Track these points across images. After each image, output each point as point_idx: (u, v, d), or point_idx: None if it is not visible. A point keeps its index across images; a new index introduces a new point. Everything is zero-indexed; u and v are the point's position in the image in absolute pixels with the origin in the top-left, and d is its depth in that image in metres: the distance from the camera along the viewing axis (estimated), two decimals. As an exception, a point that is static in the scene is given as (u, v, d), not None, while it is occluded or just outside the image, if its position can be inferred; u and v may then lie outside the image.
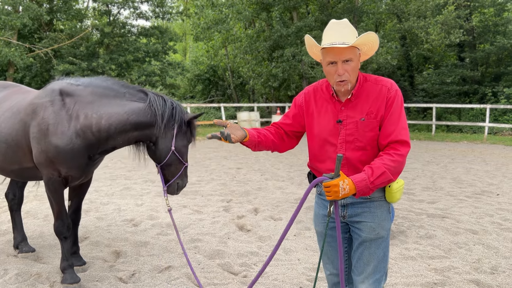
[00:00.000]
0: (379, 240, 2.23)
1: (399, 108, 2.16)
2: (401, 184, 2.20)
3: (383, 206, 2.24)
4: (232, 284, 3.60)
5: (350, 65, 2.13)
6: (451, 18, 19.98)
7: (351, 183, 2.01)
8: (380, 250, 2.24)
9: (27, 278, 3.66)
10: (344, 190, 2.00)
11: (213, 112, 24.28)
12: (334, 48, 2.11)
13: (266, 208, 6.07)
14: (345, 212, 2.28)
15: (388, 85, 2.19)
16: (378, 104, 2.16)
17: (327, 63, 2.16)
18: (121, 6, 26.10)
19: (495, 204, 6.44)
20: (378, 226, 2.22)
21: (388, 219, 2.26)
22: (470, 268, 3.97)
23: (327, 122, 2.26)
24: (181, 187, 3.58)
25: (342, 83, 2.14)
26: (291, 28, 21.42)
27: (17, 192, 4.45)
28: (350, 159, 2.20)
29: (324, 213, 2.35)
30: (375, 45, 2.23)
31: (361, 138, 2.17)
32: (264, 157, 11.59)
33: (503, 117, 19.57)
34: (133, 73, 25.79)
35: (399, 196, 2.20)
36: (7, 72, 22.06)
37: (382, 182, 2.05)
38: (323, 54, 2.19)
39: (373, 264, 2.24)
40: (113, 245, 4.53)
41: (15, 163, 3.61)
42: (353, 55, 2.13)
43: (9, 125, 3.55)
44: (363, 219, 2.24)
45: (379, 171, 2.03)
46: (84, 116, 3.37)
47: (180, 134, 3.50)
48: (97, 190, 7.12)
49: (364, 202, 2.23)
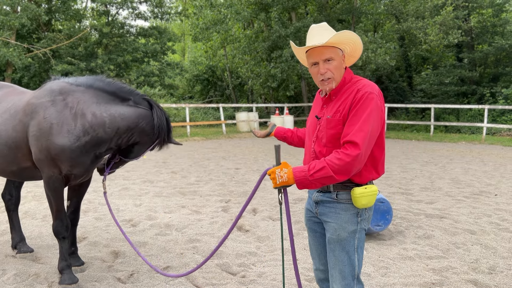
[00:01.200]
0: (342, 243, 2.22)
1: (363, 110, 2.10)
2: (369, 190, 2.17)
3: (349, 209, 2.22)
4: (230, 284, 3.60)
5: (332, 64, 2.19)
6: (450, 19, 20.03)
7: (290, 173, 2.10)
8: (343, 254, 2.22)
9: (25, 279, 3.65)
10: (282, 178, 2.12)
11: (212, 112, 24.27)
12: (315, 49, 2.20)
13: (265, 209, 6.08)
14: (317, 210, 2.34)
15: (359, 87, 2.17)
16: (346, 104, 2.17)
17: (311, 65, 2.26)
18: (119, 6, 26.07)
19: (493, 204, 6.45)
20: (340, 228, 2.22)
21: (352, 223, 2.22)
22: (468, 268, 3.98)
23: (312, 118, 2.39)
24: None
25: (325, 81, 2.21)
26: (290, 29, 21.45)
27: (14, 192, 4.43)
28: (317, 153, 2.27)
29: (308, 207, 2.45)
30: (358, 45, 2.27)
31: (325, 135, 2.23)
32: (263, 158, 11.60)
33: (501, 118, 19.61)
34: (132, 74, 25.77)
35: (364, 202, 2.16)
36: (6, 72, 22.02)
37: (322, 177, 2.06)
38: (307, 58, 2.28)
39: (338, 267, 2.23)
40: (112, 245, 4.53)
41: (14, 164, 3.60)
42: (334, 54, 2.19)
43: (8, 127, 3.54)
44: (328, 219, 2.27)
45: (320, 165, 2.07)
46: (91, 114, 3.41)
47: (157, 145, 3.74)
48: (95, 191, 7.11)
49: (331, 202, 2.26)
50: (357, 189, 2.16)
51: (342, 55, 2.24)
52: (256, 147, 14.16)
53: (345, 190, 2.23)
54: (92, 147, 3.44)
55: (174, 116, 21.75)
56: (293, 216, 5.69)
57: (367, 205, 2.19)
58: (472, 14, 23.59)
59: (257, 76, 23.20)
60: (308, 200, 2.47)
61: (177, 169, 9.44)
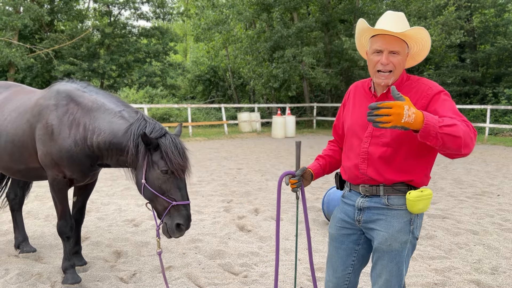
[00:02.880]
0: (393, 253, 2.04)
1: (447, 101, 1.92)
2: (426, 194, 1.98)
3: (402, 216, 2.03)
4: (232, 284, 3.60)
5: (396, 58, 1.99)
6: (452, 19, 19.99)
7: (420, 115, 1.70)
8: (393, 264, 2.05)
9: (28, 278, 3.66)
10: (409, 118, 1.68)
11: (214, 112, 24.29)
12: (385, 37, 1.99)
13: (267, 209, 6.08)
14: (360, 217, 2.13)
15: (430, 85, 2.00)
16: (415, 101, 1.97)
17: (373, 51, 2.03)
18: (122, 6, 26.13)
19: (495, 204, 6.44)
20: (391, 238, 2.03)
21: (405, 232, 2.03)
22: (471, 268, 3.97)
23: (359, 116, 2.14)
24: (172, 229, 2.93)
25: (383, 74, 2.00)
26: (292, 29, 21.44)
27: (18, 192, 4.45)
28: (371, 154, 2.05)
29: (341, 217, 2.23)
30: (426, 48, 2.09)
31: (388, 133, 2.00)
32: (265, 158, 11.60)
33: (503, 118, 19.56)
34: (134, 74, 25.85)
35: (421, 206, 1.98)
36: (8, 72, 22.08)
37: (449, 135, 1.71)
38: (371, 43, 2.05)
39: (385, 277, 2.06)
40: (114, 245, 4.54)
41: (21, 163, 3.61)
42: (401, 49, 2.00)
43: (16, 125, 3.56)
44: (376, 226, 2.08)
45: (450, 121, 1.75)
46: (83, 126, 3.30)
47: (152, 161, 2.97)
48: (98, 191, 7.12)
49: (381, 209, 2.07)
50: (413, 192, 1.98)
51: (407, 52, 2.05)
52: (258, 148, 14.17)
53: (397, 195, 2.04)
54: (85, 157, 3.33)
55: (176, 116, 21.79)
56: (294, 215, 5.69)
57: (423, 210, 2.01)
58: (475, 14, 23.54)
59: (259, 76, 23.19)
60: (343, 208, 2.25)
61: (179, 169, 9.44)
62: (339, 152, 2.40)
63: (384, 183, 2.05)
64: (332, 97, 24.69)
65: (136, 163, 3.06)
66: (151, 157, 2.97)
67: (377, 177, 2.05)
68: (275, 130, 17.99)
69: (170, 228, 2.93)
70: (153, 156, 2.96)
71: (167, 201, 2.93)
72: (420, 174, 2.04)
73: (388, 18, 2.02)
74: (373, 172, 2.06)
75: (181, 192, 2.95)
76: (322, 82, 21.66)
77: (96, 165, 3.46)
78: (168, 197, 2.93)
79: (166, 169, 2.91)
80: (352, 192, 2.19)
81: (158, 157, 2.94)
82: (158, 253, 2.99)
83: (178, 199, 2.92)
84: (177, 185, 2.94)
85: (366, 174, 2.08)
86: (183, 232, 2.95)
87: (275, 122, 17.98)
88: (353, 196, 2.17)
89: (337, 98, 24.63)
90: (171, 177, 2.93)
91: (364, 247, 2.22)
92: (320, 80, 21.50)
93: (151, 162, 2.97)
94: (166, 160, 2.91)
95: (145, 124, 3.09)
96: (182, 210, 2.92)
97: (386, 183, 2.04)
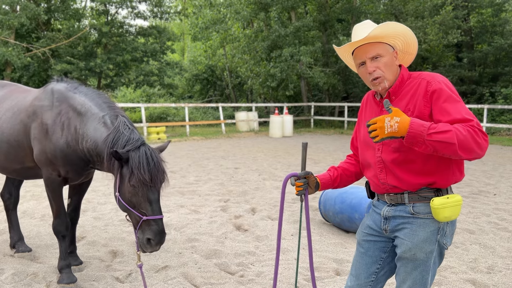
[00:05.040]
0: (417, 262, 1.97)
1: (450, 98, 1.87)
2: (452, 200, 1.89)
3: (428, 225, 1.95)
4: (229, 283, 3.60)
5: (381, 61, 1.98)
6: (449, 19, 20.04)
7: (404, 123, 1.75)
8: (417, 272, 1.99)
9: (23, 278, 3.65)
10: (391, 128, 1.76)
11: (211, 112, 24.27)
12: (359, 49, 2.02)
13: (264, 208, 6.07)
14: (387, 226, 2.07)
15: (428, 78, 1.95)
16: (415, 100, 1.94)
17: (358, 65, 2.06)
18: (119, 5, 26.05)
19: (492, 204, 6.46)
20: (415, 247, 1.96)
21: (431, 242, 1.95)
22: (467, 267, 3.98)
23: None
24: (144, 244, 2.87)
25: (376, 81, 2.00)
26: (289, 28, 21.44)
27: (13, 192, 4.44)
28: (385, 161, 2.02)
29: (369, 224, 2.18)
30: (410, 40, 2.06)
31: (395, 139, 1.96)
32: (262, 157, 11.59)
33: (500, 117, 19.62)
34: (131, 73, 25.78)
35: (447, 214, 1.88)
36: (5, 71, 22.01)
37: (442, 142, 1.72)
38: (354, 59, 2.10)
39: (408, 284, 2.01)
40: (110, 245, 4.53)
41: (17, 162, 3.63)
42: (382, 51, 1.99)
43: (11, 125, 3.57)
44: (401, 235, 2.02)
45: (444, 127, 1.73)
46: (74, 128, 3.32)
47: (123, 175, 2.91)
48: (94, 190, 7.10)
49: (406, 218, 2.00)
50: (437, 200, 1.89)
51: (393, 51, 2.02)
52: (255, 147, 14.16)
53: (423, 202, 1.96)
54: (77, 159, 3.36)
55: (174, 115, 21.76)
56: (293, 215, 5.69)
57: (451, 217, 1.90)
58: (472, 13, 23.60)
59: (256, 75, 23.18)
60: (371, 215, 2.21)
61: (176, 169, 9.43)
62: (355, 165, 2.36)
63: (408, 190, 2.00)
64: (330, 96, 24.69)
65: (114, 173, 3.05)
66: (122, 170, 2.94)
67: (399, 184, 2.00)
68: (272, 130, 17.99)
69: (141, 243, 2.89)
70: (123, 169, 2.92)
71: (138, 215, 2.88)
72: (445, 173, 1.97)
73: (356, 30, 2.07)
74: (393, 179, 2.02)
75: (152, 206, 2.88)
76: (319, 82, 21.67)
77: (89, 167, 3.48)
78: (139, 211, 2.89)
79: (134, 183, 2.86)
80: (380, 202, 2.16)
81: (128, 171, 2.89)
82: (139, 266, 2.96)
83: (149, 214, 2.87)
84: (148, 199, 2.88)
85: (386, 183, 2.05)
86: (155, 247, 2.89)
87: (273, 121, 17.98)
88: (381, 205, 2.14)
89: (334, 98, 24.65)
90: (142, 191, 2.86)
91: (391, 255, 2.17)
92: (318, 80, 21.52)
93: (122, 175, 2.94)
94: (131, 175, 2.86)
95: (119, 136, 3.04)
96: (153, 225, 2.85)
97: (410, 189, 1.99)
